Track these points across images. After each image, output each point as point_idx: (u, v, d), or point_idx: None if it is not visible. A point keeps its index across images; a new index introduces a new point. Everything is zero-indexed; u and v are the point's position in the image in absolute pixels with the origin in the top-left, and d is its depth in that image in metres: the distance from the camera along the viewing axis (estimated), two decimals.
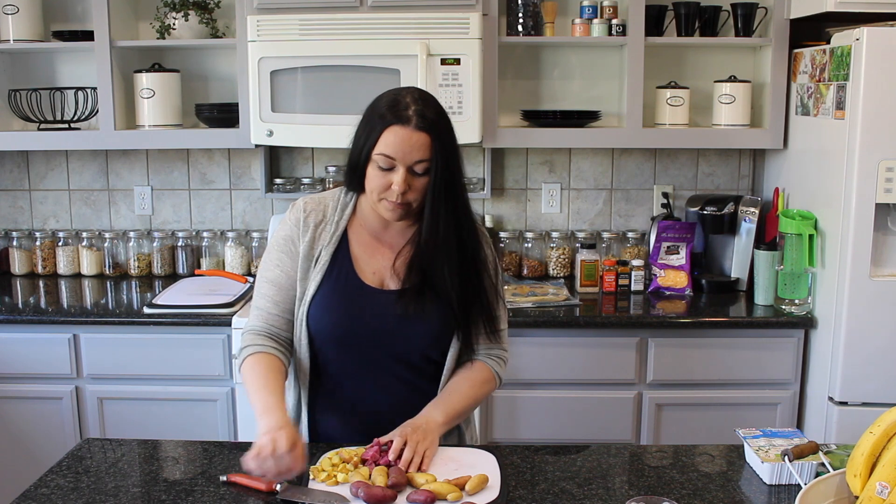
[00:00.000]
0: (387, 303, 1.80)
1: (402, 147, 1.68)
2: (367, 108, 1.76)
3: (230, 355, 2.83)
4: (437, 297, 1.78)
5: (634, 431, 2.87)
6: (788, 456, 1.60)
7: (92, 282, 3.35)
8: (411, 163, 1.69)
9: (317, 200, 1.87)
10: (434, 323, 1.80)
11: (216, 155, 3.43)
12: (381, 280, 1.83)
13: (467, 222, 1.80)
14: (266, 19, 2.91)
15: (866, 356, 2.64)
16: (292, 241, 1.84)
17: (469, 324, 1.83)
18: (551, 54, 3.29)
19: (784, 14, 3.00)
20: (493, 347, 1.90)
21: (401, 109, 1.70)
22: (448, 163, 1.72)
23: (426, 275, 1.78)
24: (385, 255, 1.84)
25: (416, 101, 1.71)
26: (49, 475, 1.66)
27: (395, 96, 1.73)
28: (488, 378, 1.88)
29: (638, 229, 3.39)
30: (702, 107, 3.24)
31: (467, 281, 1.79)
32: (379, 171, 1.71)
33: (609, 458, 1.76)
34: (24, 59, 3.35)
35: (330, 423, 1.87)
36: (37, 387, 2.90)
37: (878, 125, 2.53)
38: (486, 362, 1.88)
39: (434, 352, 1.84)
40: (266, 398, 1.69)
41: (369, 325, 1.79)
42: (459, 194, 1.77)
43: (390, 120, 1.69)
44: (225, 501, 1.55)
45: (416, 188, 1.72)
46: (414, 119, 1.68)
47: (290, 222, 1.85)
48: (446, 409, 1.78)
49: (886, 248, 2.66)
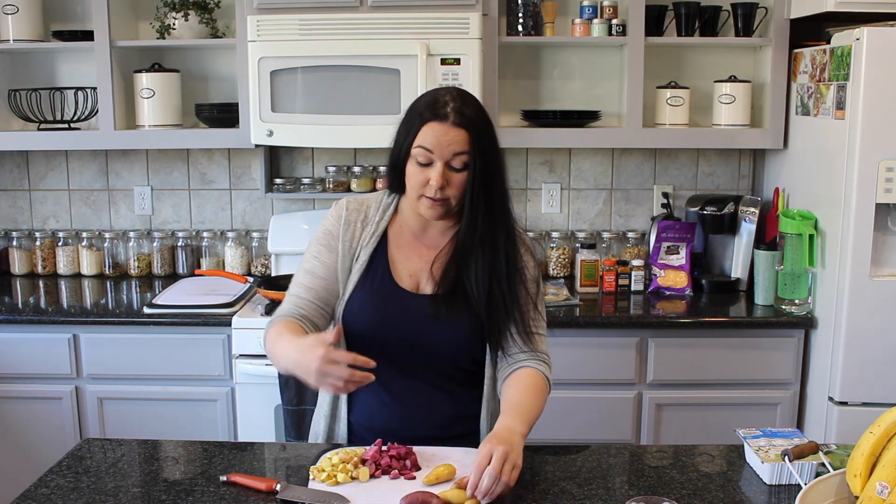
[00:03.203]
0: (419, 306, 1.79)
1: (440, 140, 1.68)
2: (407, 109, 1.77)
3: (230, 355, 2.83)
4: (468, 303, 1.76)
5: (634, 431, 2.87)
6: (788, 456, 1.60)
7: (92, 282, 3.35)
8: (449, 156, 1.69)
9: (360, 200, 1.88)
10: (462, 329, 1.78)
11: (216, 155, 3.43)
12: (417, 283, 1.82)
13: (506, 225, 1.78)
14: (266, 19, 2.91)
15: (866, 356, 2.64)
16: (332, 236, 1.84)
17: (497, 331, 1.78)
18: (551, 54, 3.29)
19: (784, 14, 3.00)
20: (535, 352, 1.82)
21: (439, 107, 1.70)
22: (487, 159, 1.71)
23: (460, 279, 1.77)
24: (424, 257, 1.83)
25: (455, 98, 1.72)
26: (49, 475, 1.66)
27: (434, 95, 1.74)
28: (543, 384, 1.80)
29: (638, 229, 3.39)
30: (702, 107, 3.24)
31: (498, 285, 1.75)
32: (418, 167, 1.71)
33: (609, 458, 1.76)
34: (24, 59, 3.35)
35: (365, 424, 1.86)
36: (37, 387, 2.90)
37: (878, 125, 2.53)
38: (535, 368, 1.80)
39: (463, 359, 1.81)
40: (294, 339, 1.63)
41: (400, 328, 1.79)
42: (499, 195, 1.76)
43: (428, 117, 1.70)
44: (225, 501, 1.55)
45: (455, 184, 1.71)
46: (452, 116, 1.69)
47: (332, 218, 1.86)
48: (525, 420, 1.68)
49: (886, 248, 2.66)
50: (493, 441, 1.56)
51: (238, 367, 2.79)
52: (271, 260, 3.31)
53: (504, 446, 1.54)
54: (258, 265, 3.40)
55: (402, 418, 1.82)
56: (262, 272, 3.38)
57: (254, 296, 3.03)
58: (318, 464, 1.64)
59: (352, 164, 3.32)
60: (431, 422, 1.81)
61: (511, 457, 1.53)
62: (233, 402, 2.87)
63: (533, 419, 1.71)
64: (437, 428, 1.81)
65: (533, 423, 1.71)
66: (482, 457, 1.52)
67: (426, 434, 1.76)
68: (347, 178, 3.29)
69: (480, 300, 1.75)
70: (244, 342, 2.78)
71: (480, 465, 1.51)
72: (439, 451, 1.71)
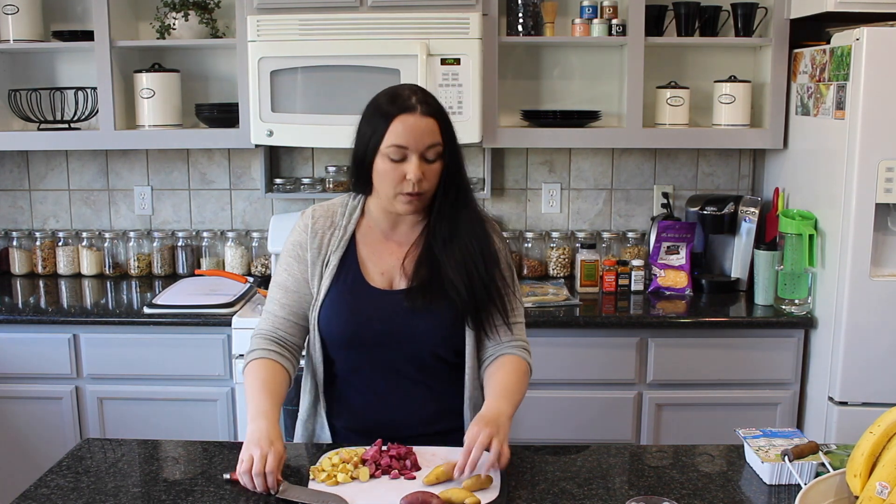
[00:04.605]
0: (394, 302, 1.80)
1: (413, 133, 1.69)
2: (366, 109, 1.78)
3: (230, 355, 2.83)
4: (446, 293, 1.78)
5: (634, 431, 2.87)
6: (788, 456, 1.60)
7: (92, 282, 3.35)
8: (423, 148, 1.71)
9: (325, 207, 1.89)
10: (442, 319, 1.79)
11: (216, 155, 3.43)
12: (390, 280, 1.83)
13: (475, 214, 1.82)
14: (266, 19, 2.91)
15: (866, 356, 2.64)
16: (301, 246, 1.85)
17: (481, 318, 1.81)
18: (551, 54, 3.29)
19: (784, 14, 3.00)
20: (515, 339, 1.87)
21: (403, 100, 1.72)
22: (455, 149, 1.76)
23: (435, 271, 1.78)
24: (394, 254, 1.84)
25: (416, 91, 1.75)
26: (49, 475, 1.66)
27: (393, 91, 1.76)
28: (526, 369, 1.84)
29: (638, 229, 3.39)
30: (702, 107, 3.24)
31: (476, 272, 1.78)
32: (391, 165, 1.72)
33: (609, 458, 1.76)
34: (24, 59, 3.35)
35: (346, 424, 1.87)
36: (37, 387, 2.90)
37: (878, 125, 2.53)
38: (517, 354, 1.84)
39: (445, 350, 1.83)
40: (260, 402, 1.69)
41: (376, 326, 1.79)
42: (465, 185, 1.80)
43: (395, 111, 1.70)
44: (225, 501, 1.55)
45: (430, 176, 1.73)
46: (419, 106, 1.71)
47: (299, 228, 1.87)
48: (511, 402, 1.73)
49: (886, 248, 2.66)
50: (480, 423, 1.63)
51: (238, 367, 2.79)
52: (271, 260, 3.31)
53: (490, 428, 1.61)
54: (258, 265, 3.40)
55: (384, 417, 1.83)
56: (262, 272, 3.38)
57: (254, 296, 3.03)
58: (318, 464, 1.65)
59: None
60: (414, 419, 1.82)
61: (499, 437, 1.60)
62: (233, 402, 2.87)
63: (517, 402, 1.77)
64: (419, 425, 1.82)
65: (517, 406, 1.76)
66: (470, 438, 1.59)
67: (409, 433, 1.76)
68: (347, 178, 3.29)
69: (461, 289, 1.77)
70: (244, 342, 2.75)
71: (468, 445, 1.58)
72: (440, 451, 1.71)
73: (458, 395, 1.85)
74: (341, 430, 1.88)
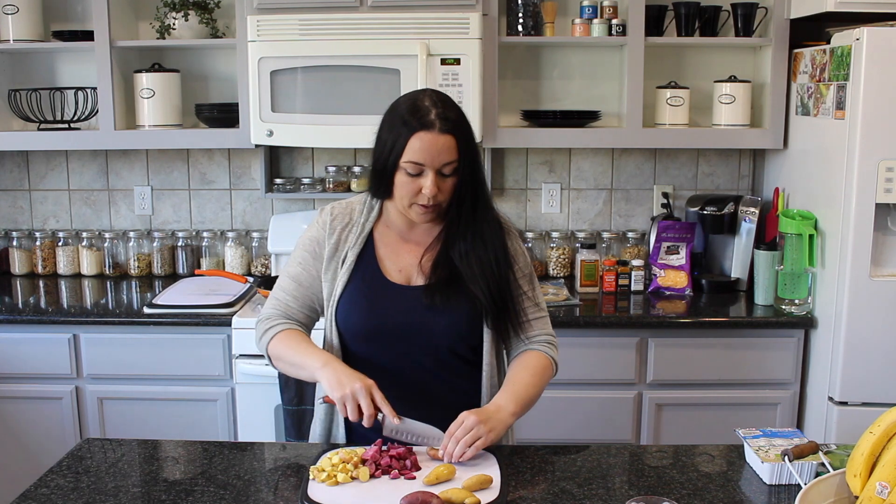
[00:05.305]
0: (412, 298, 1.82)
1: (430, 152, 1.71)
2: (387, 114, 1.79)
3: (230, 355, 2.83)
4: (463, 291, 1.80)
5: (634, 431, 2.87)
6: (788, 456, 1.60)
7: (92, 282, 3.35)
8: (440, 166, 1.73)
9: (344, 205, 1.92)
10: (459, 316, 1.81)
11: (216, 155, 3.43)
12: (408, 277, 1.85)
13: (491, 216, 1.85)
14: (266, 19, 2.91)
15: (866, 356, 2.64)
16: (317, 242, 1.88)
17: (501, 315, 1.83)
18: (551, 54, 3.29)
19: (784, 14, 3.00)
20: (541, 333, 1.90)
21: (423, 114, 1.72)
22: (472, 160, 1.78)
23: (453, 270, 1.81)
24: (412, 253, 1.86)
25: (436, 103, 1.75)
26: (49, 475, 1.66)
27: (413, 101, 1.76)
28: (546, 365, 1.87)
29: (638, 229, 3.39)
30: (702, 107, 3.24)
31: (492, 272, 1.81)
32: (408, 178, 1.74)
33: (609, 458, 1.76)
34: (24, 59, 3.35)
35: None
36: (37, 387, 2.90)
37: (878, 125, 2.53)
38: (539, 350, 1.88)
39: (461, 347, 1.84)
40: (318, 353, 1.76)
41: (394, 320, 1.81)
42: (482, 190, 1.83)
43: (415, 126, 1.71)
44: (225, 501, 1.55)
45: (445, 189, 1.76)
46: (438, 123, 1.72)
47: (317, 225, 1.90)
48: (516, 398, 1.77)
49: (886, 248, 2.66)
50: (473, 412, 1.68)
51: (238, 367, 2.79)
52: (271, 260, 3.31)
53: (480, 417, 1.66)
54: (258, 265, 3.40)
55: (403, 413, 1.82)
56: (262, 272, 3.38)
57: (254, 296, 3.03)
58: (318, 464, 1.64)
59: (352, 164, 3.33)
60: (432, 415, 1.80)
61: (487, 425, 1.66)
62: (233, 402, 2.87)
63: (526, 398, 1.79)
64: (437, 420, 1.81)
65: (527, 403, 1.79)
66: (455, 424, 1.66)
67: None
68: (347, 178, 3.29)
69: (480, 287, 1.79)
70: (244, 342, 2.78)
71: (451, 430, 1.66)
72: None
73: (475, 390, 1.87)
74: (358, 427, 1.87)
